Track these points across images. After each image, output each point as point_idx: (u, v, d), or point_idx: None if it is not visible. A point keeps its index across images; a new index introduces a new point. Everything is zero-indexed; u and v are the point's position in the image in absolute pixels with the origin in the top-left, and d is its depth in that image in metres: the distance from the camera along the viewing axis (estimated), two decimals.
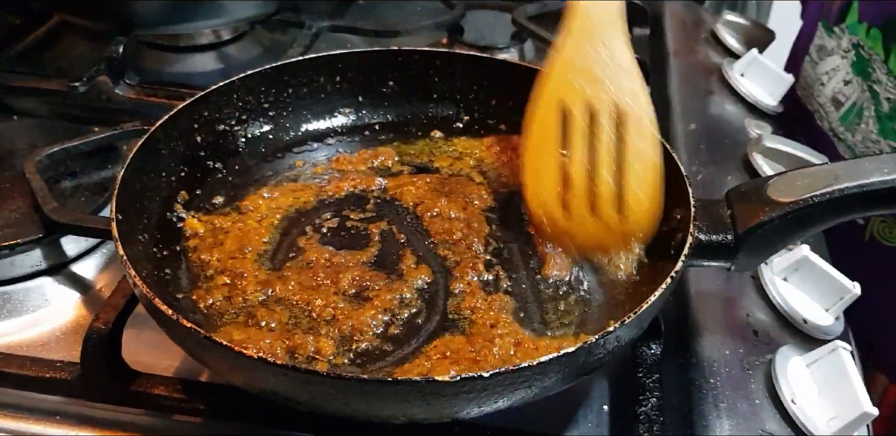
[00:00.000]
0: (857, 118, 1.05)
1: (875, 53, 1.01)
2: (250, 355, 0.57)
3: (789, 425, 0.70)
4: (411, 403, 0.58)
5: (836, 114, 1.09)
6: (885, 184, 0.65)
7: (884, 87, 1.00)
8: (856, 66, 1.05)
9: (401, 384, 0.57)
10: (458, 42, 1.25)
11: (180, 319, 0.60)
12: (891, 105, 1.00)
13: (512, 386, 0.58)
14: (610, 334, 0.60)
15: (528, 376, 0.58)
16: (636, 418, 0.69)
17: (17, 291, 0.84)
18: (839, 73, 1.08)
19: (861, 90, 1.04)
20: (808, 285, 0.83)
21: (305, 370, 0.57)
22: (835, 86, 1.09)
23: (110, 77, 1.07)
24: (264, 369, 0.58)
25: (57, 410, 0.72)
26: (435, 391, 0.57)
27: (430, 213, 0.84)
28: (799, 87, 1.21)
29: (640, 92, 0.77)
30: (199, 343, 0.60)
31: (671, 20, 1.31)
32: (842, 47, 1.07)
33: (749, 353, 0.76)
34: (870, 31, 1.02)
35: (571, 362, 0.59)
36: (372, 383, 0.57)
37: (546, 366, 0.57)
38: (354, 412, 0.60)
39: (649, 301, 0.62)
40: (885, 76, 1.00)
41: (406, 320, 0.73)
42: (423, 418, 0.62)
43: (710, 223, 0.70)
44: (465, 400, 0.58)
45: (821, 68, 1.12)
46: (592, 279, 0.78)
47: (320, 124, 0.96)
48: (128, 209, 0.74)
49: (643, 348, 0.74)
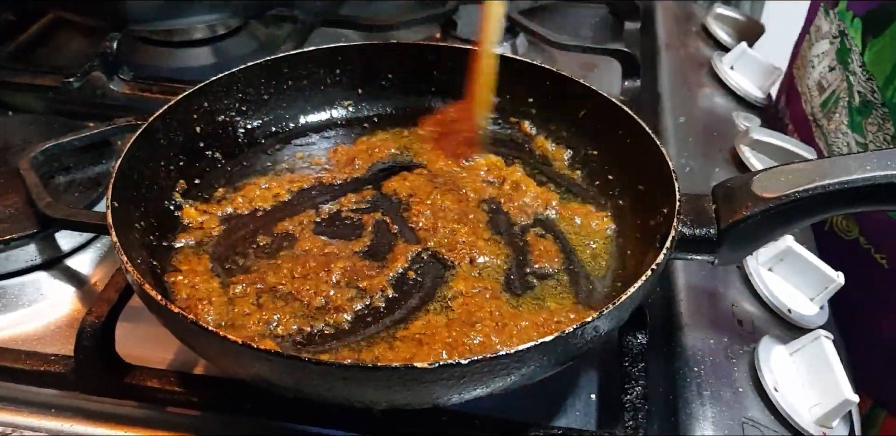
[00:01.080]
0: (834, 107, 1.05)
1: (854, 44, 1.01)
2: (235, 340, 0.58)
3: (772, 413, 0.71)
4: (392, 389, 0.59)
5: (818, 99, 1.09)
6: (867, 181, 0.66)
7: (857, 78, 1.00)
8: (839, 54, 1.05)
9: (381, 371, 0.57)
10: (452, 36, 1.26)
11: (169, 304, 0.61)
12: (861, 99, 1.00)
13: (491, 373, 0.59)
14: (587, 324, 0.61)
15: (507, 363, 0.59)
16: (622, 407, 0.70)
17: (13, 285, 0.85)
18: (826, 58, 1.08)
19: (841, 79, 1.04)
20: (792, 275, 0.84)
21: (288, 356, 0.58)
22: (821, 70, 1.09)
23: (104, 73, 1.07)
24: (248, 355, 0.59)
25: (52, 403, 0.73)
26: (414, 378, 0.58)
27: (425, 204, 0.85)
28: (794, 66, 1.20)
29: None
30: (187, 328, 0.61)
31: (663, 14, 1.32)
32: (832, 32, 1.07)
33: (733, 342, 0.77)
34: (853, 20, 1.02)
35: (550, 350, 0.60)
36: (353, 368, 0.58)
37: (524, 354, 0.58)
38: (337, 397, 0.61)
39: (628, 293, 0.63)
40: (860, 69, 1.00)
41: (394, 307, 0.75)
42: (404, 403, 0.63)
43: (695, 217, 0.71)
44: (444, 387, 0.59)
45: (814, 50, 1.12)
46: (580, 269, 0.79)
47: (319, 116, 0.97)
48: (124, 198, 0.74)
49: (629, 338, 0.75)
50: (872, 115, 0.99)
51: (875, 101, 0.98)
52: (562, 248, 0.82)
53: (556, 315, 0.73)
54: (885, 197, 0.67)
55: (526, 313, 0.74)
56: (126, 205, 0.75)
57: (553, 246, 0.82)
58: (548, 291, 0.77)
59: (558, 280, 0.78)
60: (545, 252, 0.81)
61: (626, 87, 1.13)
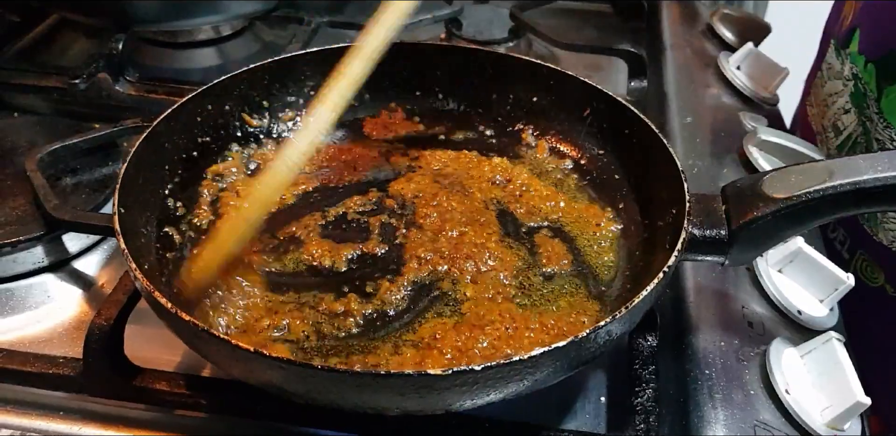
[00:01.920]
0: (852, 151, 1.02)
1: (869, 90, 0.98)
2: (247, 348, 0.58)
3: (783, 415, 0.71)
4: (405, 396, 0.59)
5: (834, 140, 1.07)
6: (878, 181, 0.65)
7: (875, 125, 0.98)
8: (853, 97, 1.02)
9: (393, 378, 0.57)
10: (457, 36, 1.26)
11: (179, 312, 0.61)
12: (879, 146, 0.98)
13: (504, 379, 0.59)
14: (601, 329, 0.61)
15: (520, 369, 0.58)
16: (633, 409, 0.70)
17: (20, 287, 0.84)
18: (840, 99, 1.05)
19: (857, 123, 1.01)
20: (802, 277, 0.83)
21: (300, 363, 0.58)
22: (836, 111, 1.06)
23: (110, 74, 1.07)
24: (260, 362, 0.58)
25: (61, 405, 0.72)
26: (427, 384, 0.57)
27: (431, 205, 0.85)
28: (808, 103, 1.18)
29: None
30: (198, 336, 0.61)
31: (668, 14, 1.31)
32: (845, 74, 1.04)
33: (744, 344, 0.76)
34: (867, 65, 0.99)
35: (563, 355, 0.60)
36: (365, 375, 0.58)
37: (538, 359, 0.58)
38: (349, 404, 0.61)
39: (641, 296, 0.63)
40: (877, 115, 0.97)
41: (403, 311, 0.75)
42: (416, 409, 0.62)
43: (705, 218, 0.70)
44: (457, 393, 0.59)
45: (827, 89, 1.09)
46: (589, 270, 0.79)
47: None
48: (130, 202, 0.74)
49: (639, 340, 0.74)
50: None
51: (894, 148, 0.96)
52: (569, 249, 0.82)
53: (567, 318, 0.73)
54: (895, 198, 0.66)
55: (536, 316, 0.73)
56: (131, 210, 0.75)
57: (561, 247, 0.82)
58: (557, 293, 0.77)
59: (567, 282, 0.78)
60: (553, 254, 0.81)
61: (633, 87, 1.13)
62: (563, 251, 0.81)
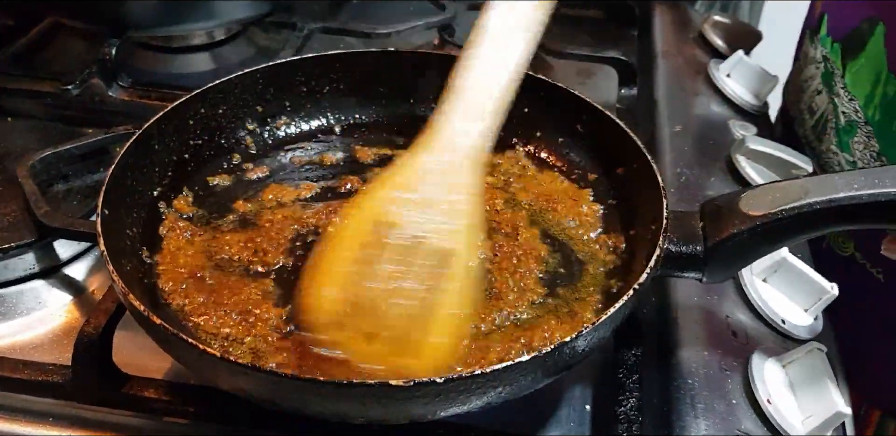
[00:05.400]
0: (824, 129, 1.07)
1: (836, 67, 1.03)
2: (213, 353, 0.58)
3: (765, 425, 0.72)
4: (366, 405, 0.59)
5: (810, 121, 1.11)
6: (853, 199, 0.65)
7: (841, 100, 1.02)
8: (824, 78, 1.07)
9: (356, 387, 0.57)
10: (450, 43, 1.26)
11: (151, 315, 0.61)
12: (846, 119, 1.02)
13: (467, 392, 0.59)
14: (565, 345, 0.61)
15: (483, 382, 0.58)
16: (616, 418, 0.71)
17: (11, 294, 0.85)
18: (814, 82, 1.10)
19: (827, 102, 1.05)
20: (787, 286, 0.84)
21: (264, 370, 0.58)
22: (810, 94, 1.11)
23: (103, 79, 1.07)
24: (226, 368, 0.59)
25: (49, 411, 0.73)
26: (388, 395, 0.58)
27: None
28: (785, 92, 1.22)
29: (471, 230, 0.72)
30: (167, 339, 0.62)
31: (660, 21, 1.32)
32: (816, 58, 1.09)
33: (727, 354, 0.77)
34: (833, 45, 1.04)
35: (526, 370, 0.60)
36: (327, 384, 0.58)
37: (499, 373, 0.58)
38: (314, 411, 0.62)
39: (608, 313, 0.63)
40: (842, 90, 1.02)
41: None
42: (380, 419, 0.63)
43: (682, 235, 0.70)
44: (420, 404, 0.59)
45: (803, 75, 1.14)
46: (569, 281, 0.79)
47: (316, 123, 0.97)
48: (117, 205, 0.75)
49: (623, 350, 0.75)
50: (858, 134, 1.00)
51: (858, 120, 1.00)
52: (552, 253, 0.81)
53: (541, 330, 0.72)
54: (871, 215, 0.66)
55: (512, 327, 0.73)
56: (118, 212, 0.75)
57: (544, 252, 0.81)
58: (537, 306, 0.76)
59: (547, 291, 0.77)
60: (537, 259, 0.80)
61: (623, 95, 1.14)
62: (546, 257, 0.81)
